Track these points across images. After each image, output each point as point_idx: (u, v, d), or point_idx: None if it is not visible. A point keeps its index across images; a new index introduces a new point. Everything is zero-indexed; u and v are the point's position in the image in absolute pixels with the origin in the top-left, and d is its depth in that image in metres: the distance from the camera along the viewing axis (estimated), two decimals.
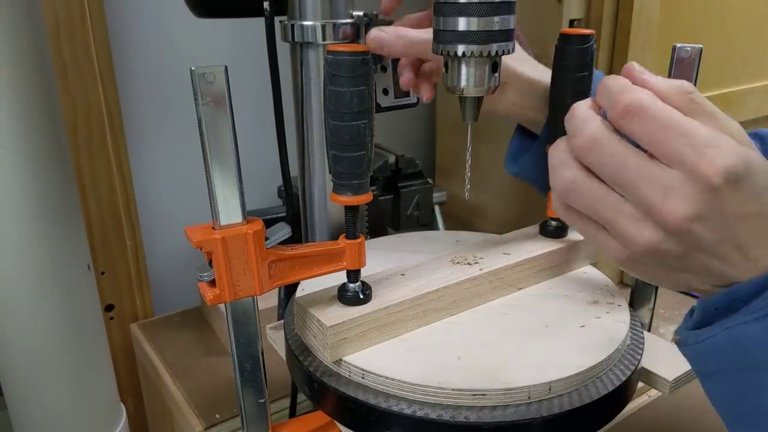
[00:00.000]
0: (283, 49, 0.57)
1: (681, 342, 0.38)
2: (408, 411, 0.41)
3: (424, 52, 0.54)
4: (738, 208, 0.34)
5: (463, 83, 0.46)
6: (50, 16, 0.88)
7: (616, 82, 0.37)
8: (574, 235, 0.58)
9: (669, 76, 0.50)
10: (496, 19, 0.44)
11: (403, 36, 0.54)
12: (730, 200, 0.34)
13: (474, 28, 0.44)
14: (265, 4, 0.55)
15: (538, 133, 0.61)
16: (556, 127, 0.55)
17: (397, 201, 0.97)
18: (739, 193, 0.34)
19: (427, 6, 0.51)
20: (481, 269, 0.51)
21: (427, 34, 0.52)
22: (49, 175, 0.59)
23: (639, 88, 0.36)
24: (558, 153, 0.39)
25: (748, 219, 0.34)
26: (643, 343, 0.50)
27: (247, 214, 0.42)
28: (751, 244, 0.35)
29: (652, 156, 0.35)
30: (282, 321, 0.54)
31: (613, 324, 0.49)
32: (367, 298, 0.46)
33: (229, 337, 0.44)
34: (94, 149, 0.98)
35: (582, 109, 0.38)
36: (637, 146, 0.36)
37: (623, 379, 0.44)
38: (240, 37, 1.08)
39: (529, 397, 0.41)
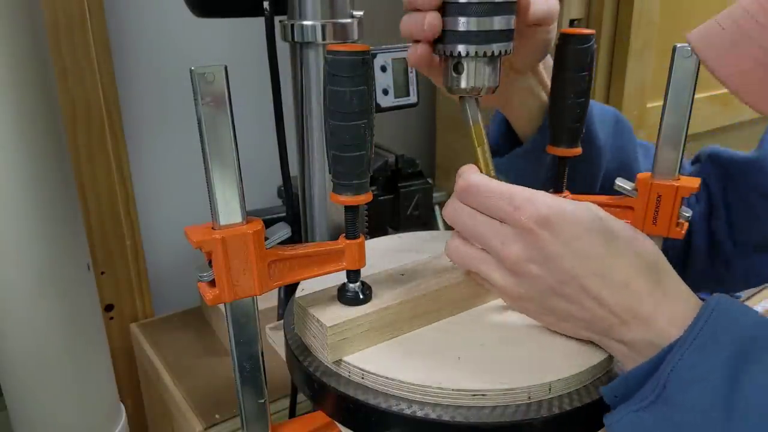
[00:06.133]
0: (283, 49, 0.57)
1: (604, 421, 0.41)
2: (408, 411, 0.41)
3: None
4: (558, 248, 0.41)
5: (463, 83, 0.46)
6: (50, 16, 0.88)
7: (460, 169, 0.46)
8: None
9: (669, 76, 0.50)
10: (496, 19, 0.44)
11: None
12: (548, 240, 0.41)
13: (474, 28, 0.44)
14: (265, 4, 0.55)
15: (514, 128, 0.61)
16: (556, 127, 0.54)
17: (397, 201, 0.97)
18: (555, 233, 0.41)
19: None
20: None
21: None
22: (49, 175, 0.59)
23: (475, 171, 0.45)
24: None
25: (576, 258, 0.40)
26: None
27: (247, 214, 0.42)
28: (596, 287, 0.40)
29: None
30: (282, 321, 0.54)
31: None
32: (367, 298, 0.46)
33: (229, 337, 0.44)
34: (93, 149, 0.98)
35: (467, 165, 0.47)
36: None
37: None
38: (240, 37, 1.08)
39: (529, 397, 0.41)
